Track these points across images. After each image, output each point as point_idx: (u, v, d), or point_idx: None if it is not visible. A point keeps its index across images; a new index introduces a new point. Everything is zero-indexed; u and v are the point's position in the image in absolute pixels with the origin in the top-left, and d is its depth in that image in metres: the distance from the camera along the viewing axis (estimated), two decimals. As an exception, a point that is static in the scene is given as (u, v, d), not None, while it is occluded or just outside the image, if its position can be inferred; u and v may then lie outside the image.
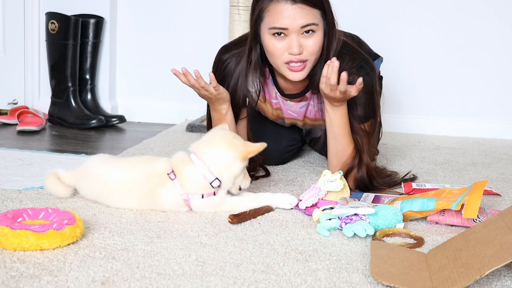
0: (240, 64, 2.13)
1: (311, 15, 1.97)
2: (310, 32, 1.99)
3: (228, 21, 3.19)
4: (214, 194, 1.85)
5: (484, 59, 3.23)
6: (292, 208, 1.91)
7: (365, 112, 2.10)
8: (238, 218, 1.79)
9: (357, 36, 2.32)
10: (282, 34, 1.99)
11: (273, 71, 2.16)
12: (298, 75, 2.03)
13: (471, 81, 3.26)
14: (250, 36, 2.08)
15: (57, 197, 1.96)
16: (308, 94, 2.18)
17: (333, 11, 2.04)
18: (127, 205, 1.87)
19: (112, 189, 1.87)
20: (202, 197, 1.84)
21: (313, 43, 2.00)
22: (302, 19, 1.96)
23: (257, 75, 2.13)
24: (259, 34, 2.04)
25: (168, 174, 1.84)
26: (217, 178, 1.83)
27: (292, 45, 1.98)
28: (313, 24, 1.98)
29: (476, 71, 3.25)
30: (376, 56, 2.35)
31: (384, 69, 2.47)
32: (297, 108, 2.24)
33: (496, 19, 3.20)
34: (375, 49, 2.39)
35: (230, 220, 1.78)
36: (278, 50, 2.00)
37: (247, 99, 2.20)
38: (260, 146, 1.85)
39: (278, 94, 2.21)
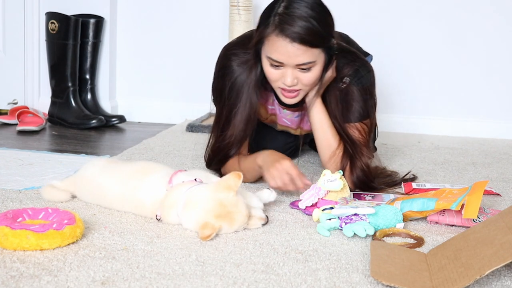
0: (249, 74, 2.09)
1: (308, 54, 1.92)
2: (307, 68, 1.96)
3: (228, 21, 3.18)
4: None
5: (484, 59, 3.23)
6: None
7: (359, 112, 2.11)
8: None
9: (346, 35, 2.30)
10: (278, 65, 1.97)
11: None
12: (291, 100, 2.05)
13: (471, 81, 3.26)
14: (253, 51, 2.05)
15: (57, 201, 1.95)
16: (305, 105, 2.18)
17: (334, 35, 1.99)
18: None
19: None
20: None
21: (309, 77, 1.98)
22: (298, 58, 1.92)
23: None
24: (260, 54, 2.02)
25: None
26: None
27: (286, 76, 1.96)
28: (310, 62, 1.94)
29: (476, 71, 3.25)
30: (365, 54, 2.35)
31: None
32: (292, 117, 2.24)
33: (497, 18, 3.20)
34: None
35: None
36: (273, 76, 1.99)
37: None
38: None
39: (276, 101, 2.21)
